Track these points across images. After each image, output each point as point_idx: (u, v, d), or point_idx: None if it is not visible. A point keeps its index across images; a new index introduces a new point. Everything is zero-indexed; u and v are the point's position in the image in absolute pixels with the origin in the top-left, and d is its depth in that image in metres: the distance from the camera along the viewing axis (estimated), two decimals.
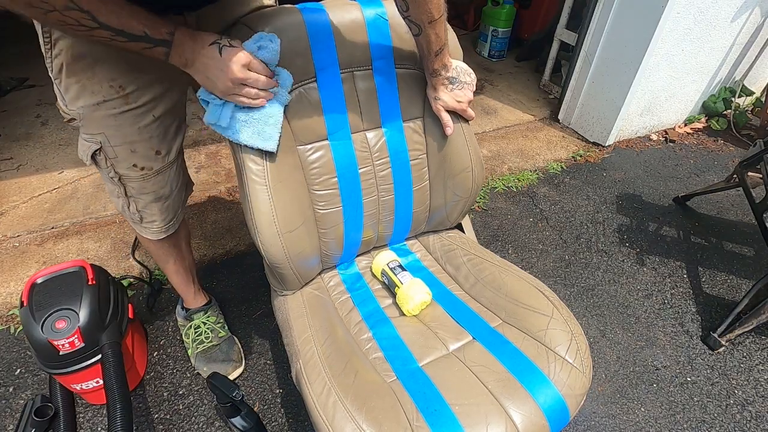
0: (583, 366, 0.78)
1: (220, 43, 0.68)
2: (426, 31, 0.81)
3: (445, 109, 0.93)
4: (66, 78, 0.74)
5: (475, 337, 0.86)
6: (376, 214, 0.99)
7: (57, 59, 0.72)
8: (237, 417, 0.94)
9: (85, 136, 0.82)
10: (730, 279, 1.60)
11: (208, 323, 1.23)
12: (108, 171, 0.85)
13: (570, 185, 2.03)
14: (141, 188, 0.90)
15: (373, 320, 0.92)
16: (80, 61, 0.72)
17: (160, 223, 0.98)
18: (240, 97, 0.71)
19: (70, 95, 0.76)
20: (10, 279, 1.42)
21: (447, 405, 0.73)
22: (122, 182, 0.87)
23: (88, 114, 0.77)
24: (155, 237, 1.00)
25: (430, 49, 0.84)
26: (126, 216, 0.96)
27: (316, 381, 0.74)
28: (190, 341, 1.22)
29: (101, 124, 0.79)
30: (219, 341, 1.22)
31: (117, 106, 0.77)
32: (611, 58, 2.10)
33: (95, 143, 0.81)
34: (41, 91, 2.42)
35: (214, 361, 1.19)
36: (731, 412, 1.21)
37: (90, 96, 0.75)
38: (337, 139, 0.89)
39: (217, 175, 1.92)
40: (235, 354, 1.22)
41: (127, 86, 0.76)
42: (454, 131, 0.94)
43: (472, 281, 0.97)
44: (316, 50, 0.80)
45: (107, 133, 0.80)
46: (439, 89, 0.91)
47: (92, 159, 0.83)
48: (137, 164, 0.85)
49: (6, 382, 1.16)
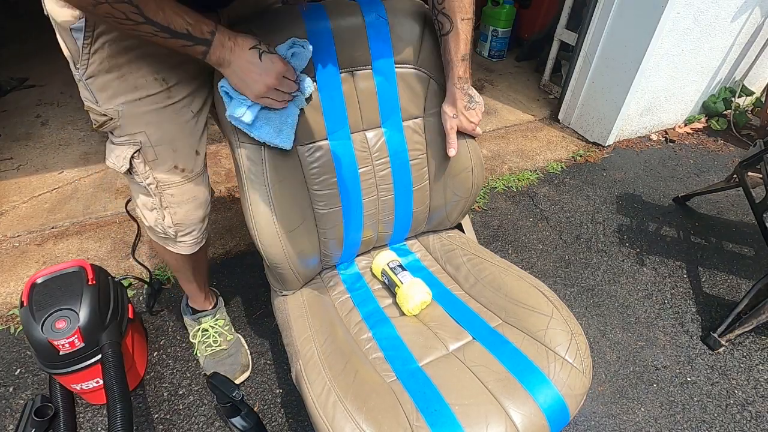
0: (583, 366, 0.78)
1: (260, 48, 0.69)
2: (457, 29, 0.79)
3: (459, 128, 0.91)
4: (106, 74, 0.71)
5: (475, 337, 0.86)
6: (376, 214, 0.99)
7: (97, 54, 0.69)
8: (237, 417, 0.94)
9: (121, 139, 0.77)
10: (730, 279, 1.60)
11: (216, 327, 1.22)
12: (146, 177, 0.81)
13: (570, 185, 2.03)
14: (181, 194, 0.85)
15: (373, 320, 0.92)
16: (126, 53, 0.70)
17: (197, 234, 0.93)
18: (270, 100, 0.72)
19: (107, 93, 0.73)
20: (10, 279, 1.42)
21: (447, 405, 0.73)
22: (159, 190, 0.83)
23: (129, 111, 0.74)
24: (190, 251, 0.95)
25: (458, 50, 0.82)
26: (156, 233, 0.90)
27: (316, 381, 0.74)
28: (197, 343, 1.21)
29: (142, 120, 0.76)
30: (227, 345, 1.21)
31: (160, 100, 0.75)
32: (611, 58, 2.10)
33: (134, 144, 0.77)
34: (41, 91, 2.42)
35: (222, 364, 1.17)
36: (731, 412, 1.21)
37: (132, 91, 0.73)
38: (337, 139, 0.89)
39: (217, 175, 1.92)
40: (243, 357, 1.21)
41: (170, 80, 0.75)
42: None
43: (472, 281, 0.97)
44: (316, 50, 0.80)
45: (148, 131, 0.77)
46: (458, 104, 0.88)
47: (129, 164, 0.79)
48: (178, 165, 0.82)
49: (6, 382, 1.16)
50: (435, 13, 0.82)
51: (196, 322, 1.23)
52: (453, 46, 0.82)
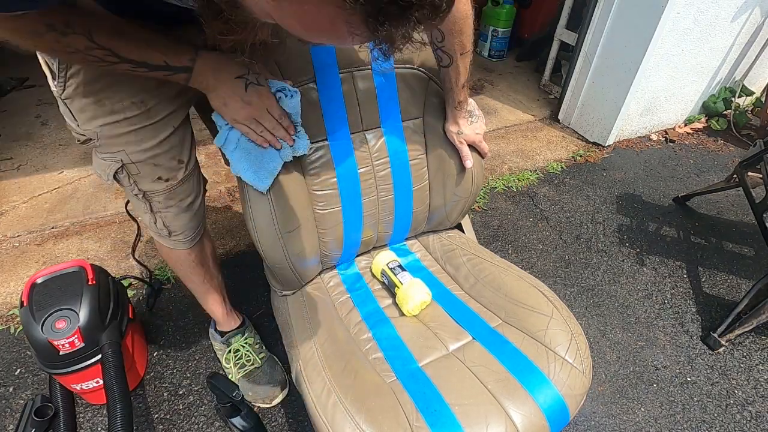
0: (583, 366, 0.78)
1: (248, 78, 0.69)
2: (456, 63, 0.82)
3: (467, 142, 0.95)
4: (82, 98, 0.70)
5: (475, 337, 0.86)
6: (376, 214, 0.99)
7: (73, 79, 0.68)
8: (237, 417, 0.94)
9: (103, 156, 0.78)
10: (730, 279, 1.60)
11: (247, 346, 1.19)
12: (132, 189, 0.82)
13: (570, 185, 2.03)
14: (167, 201, 0.86)
15: (373, 320, 0.92)
16: (102, 79, 0.69)
17: (190, 232, 0.95)
18: (247, 129, 0.72)
19: (85, 115, 0.72)
20: (10, 279, 1.42)
21: (447, 405, 0.73)
22: (147, 198, 0.84)
23: (107, 132, 0.74)
24: (186, 247, 0.97)
25: (458, 80, 0.84)
26: (153, 232, 0.92)
27: (316, 381, 0.74)
28: (231, 366, 1.17)
29: (122, 140, 0.75)
30: (261, 363, 1.17)
31: (138, 122, 0.74)
32: (611, 58, 2.10)
33: (116, 162, 0.78)
34: (41, 91, 2.42)
35: (258, 384, 1.14)
36: (731, 412, 1.21)
37: (109, 114, 0.72)
38: (337, 139, 0.89)
39: (217, 175, 1.92)
40: (278, 374, 1.18)
41: (149, 102, 0.74)
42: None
43: (472, 281, 0.97)
44: (315, 50, 0.80)
45: (128, 150, 0.76)
46: (461, 123, 0.92)
47: (114, 178, 0.80)
48: (162, 176, 0.82)
49: (6, 382, 1.16)
50: (434, 48, 0.83)
51: (226, 345, 1.19)
52: (453, 77, 0.85)
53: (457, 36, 0.77)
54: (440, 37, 0.78)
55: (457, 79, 0.84)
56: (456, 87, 0.86)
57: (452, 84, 0.86)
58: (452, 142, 0.96)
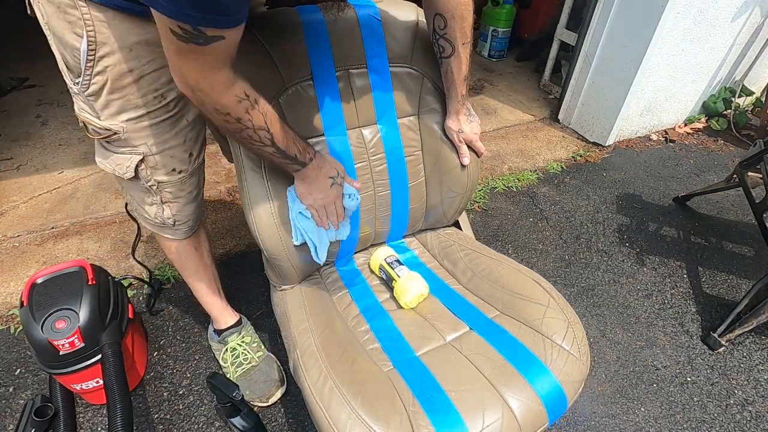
0: (581, 353, 0.78)
1: (336, 180, 0.84)
2: (459, 52, 0.82)
3: (466, 141, 0.95)
4: (107, 95, 0.73)
5: (472, 327, 0.87)
6: (373, 209, 0.99)
7: (99, 77, 0.71)
8: (237, 417, 0.94)
9: (124, 150, 0.81)
10: (730, 279, 1.60)
11: (244, 344, 1.19)
12: (147, 180, 0.86)
13: (570, 185, 2.03)
14: (177, 192, 0.91)
15: (371, 313, 0.93)
16: (127, 76, 0.72)
17: (192, 222, 1.00)
18: (315, 212, 0.84)
19: (109, 110, 0.75)
20: (10, 279, 1.42)
21: (443, 391, 0.73)
22: (159, 189, 0.89)
23: (131, 126, 0.78)
24: (186, 236, 1.01)
25: (461, 71, 0.85)
26: (156, 223, 0.95)
27: (313, 369, 0.74)
28: (228, 365, 1.17)
29: (144, 134, 0.80)
30: (258, 361, 1.17)
31: (159, 115, 0.79)
32: (611, 58, 2.10)
33: (137, 155, 0.82)
34: (41, 91, 2.42)
35: (255, 382, 1.14)
36: (731, 412, 1.21)
37: (133, 109, 0.76)
38: (334, 135, 0.89)
39: (218, 175, 1.92)
40: (275, 373, 1.17)
41: (168, 95, 0.78)
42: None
43: (470, 275, 0.98)
44: (312, 49, 0.81)
45: (149, 142, 0.81)
46: (461, 120, 0.93)
47: (134, 171, 0.83)
48: (176, 168, 0.87)
49: (6, 382, 1.16)
50: (436, 38, 0.84)
51: (223, 344, 1.19)
52: (456, 69, 0.85)
53: (459, 21, 0.78)
54: (443, 24, 0.78)
55: (459, 69, 0.84)
56: (459, 79, 0.86)
57: (455, 76, 0.86)
58: (452, 140, 0.96)
